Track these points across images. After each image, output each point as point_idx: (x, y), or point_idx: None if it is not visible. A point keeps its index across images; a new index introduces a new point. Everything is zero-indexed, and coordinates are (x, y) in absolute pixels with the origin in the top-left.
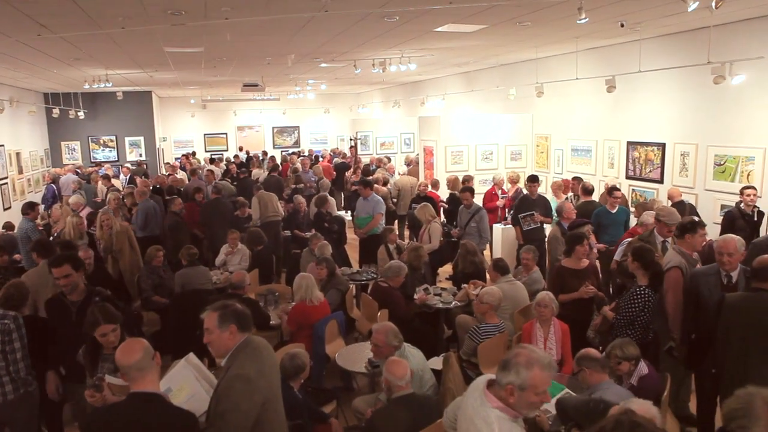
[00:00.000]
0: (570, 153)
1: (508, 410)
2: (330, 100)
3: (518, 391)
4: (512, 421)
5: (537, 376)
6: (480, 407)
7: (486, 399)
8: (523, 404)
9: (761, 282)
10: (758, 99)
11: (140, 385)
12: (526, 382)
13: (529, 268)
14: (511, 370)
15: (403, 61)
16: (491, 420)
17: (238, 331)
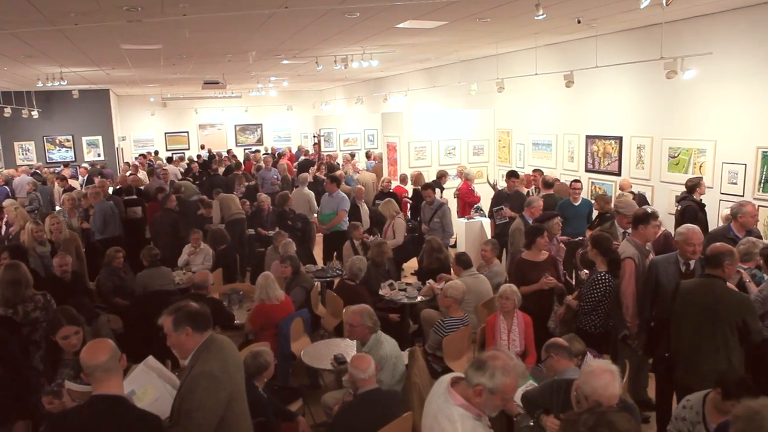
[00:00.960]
0: (531, 147)
1: (472, 409)
2: (293, 97)
3: (488, 393)
4: (475, 419)
5: (511, 384)
6: (444, 405)
7: (450, 397)
8: (489, 406)
9: (713, 269)
10: (708, 93)
11: (104, 387)
12: (499, 388)
13: (489, 261)
14: (486, 372)
15: (365, 57)
16: (455, 418)
17: (193, 332)
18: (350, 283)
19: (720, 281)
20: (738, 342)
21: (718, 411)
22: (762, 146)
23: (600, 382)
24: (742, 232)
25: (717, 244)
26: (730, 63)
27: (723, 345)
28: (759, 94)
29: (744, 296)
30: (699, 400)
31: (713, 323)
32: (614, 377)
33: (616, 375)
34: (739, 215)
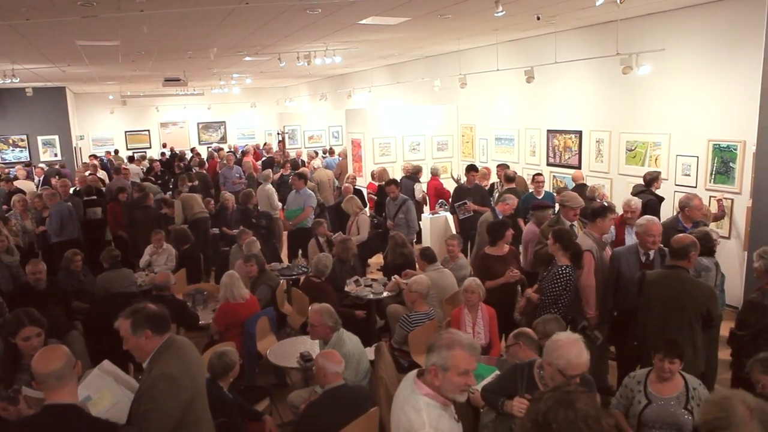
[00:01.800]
0: (494, 142)
1: (438, 397)
2: (256, 94)
3: (441, 371)
4: (441, 409)
5: (458, 356)
6: (410, 395)
7: (416, 387)
8: (449, 386)
9: (677, 260)
10: (662, 88)
11: (57, 396)
12: (448, 362)
13: (454, 255)
14: (434, 351)
15: (328, 53)
16: (420, 407)
17: (153, 334)
18: (316, 281)
19: (685, 272)
20: (700, 327)
21: (657, 378)
22: (713, 139)
23: (573, 352)
24: (689, 223)
25: (682, 236)
26: (682, 59)
27: (689, 332)
28: (709, 90)
29: (708, 286)
30: (644, 373)
31: (680, 312)
32: (583, 346)
33: (583, 343)
34: (687, 209)
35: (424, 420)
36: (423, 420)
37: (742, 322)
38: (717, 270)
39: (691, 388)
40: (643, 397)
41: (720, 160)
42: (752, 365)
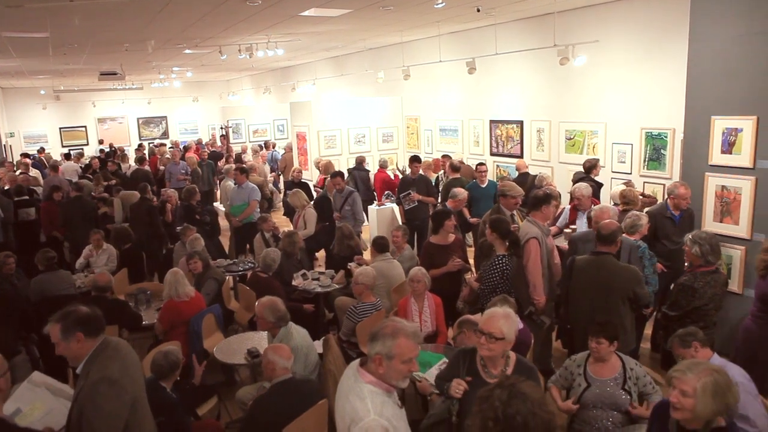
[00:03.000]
0: (438, 133)
1: (381, 384)
2: (198, 88)
3: (386, 360)
4: (385, 395)
5: (402, 344)
6: (354, 384)
7: (359, 376)
8: (393, 374)
9: (604, 245)
10: (597, 78)
11: None
12: (393, 351)
13: (400, 246)
14: (378, 340)
15: (270, 46)
16: (364, 395)
17: (85, 337)
18: (263, 276)
19: (611, 257)
20: (629, 309)
21: (594, 359)
22: (645, 127)
23: (489, 314)
24: (677, 211)
25: (608, 222)
26: (615, 50)
27: (616, 313)
28: (641, 80)
29: (634, 269)
30: (584, 356)
31: (607, 295)
32: (509, 318)
33: (511, 318)
34: (672, 195)
35: (369, 407)
36: (368, 407)
37: (673, 302)
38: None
39: (628, 368)
40: (582, 380)
41: (652, 147)
42: (672, 340)
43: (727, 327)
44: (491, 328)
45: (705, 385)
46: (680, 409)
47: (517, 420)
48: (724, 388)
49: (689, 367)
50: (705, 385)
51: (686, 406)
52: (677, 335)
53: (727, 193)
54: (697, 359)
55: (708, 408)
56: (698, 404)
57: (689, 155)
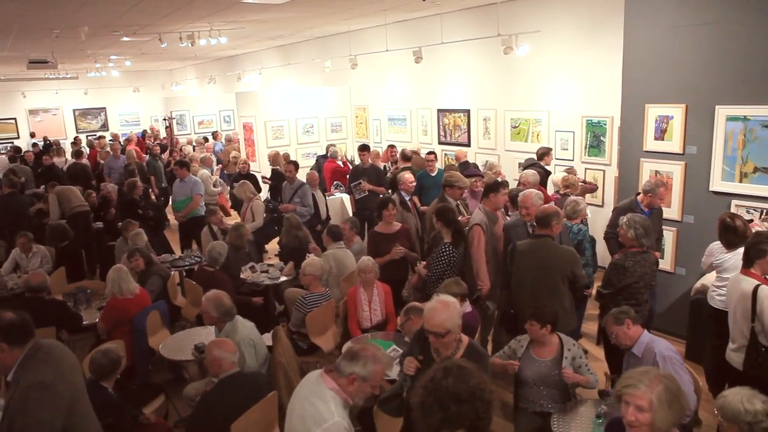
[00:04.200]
0: (387, 122)
1: (341, 393)
2: (139, 77)
3: (360, 381)
4: (344, 405)
5: (380, 371)
6: (316, 387)
7: (323, 380)
8: (359, 393)
9: (542, 229)
10: (540, 67)
11: None
12: (371, 375)
13: (349, 239)
14: (359, 361)
15: (213, 34)
16: (327, 398)
17: (10, 347)
18: (209, 270)
19: (549, 239)
20: (568, 289)
21: (538, 343)
22: (586, 115)
23: (429, 310)
24: (647, 208)
25: (546, 206)
26: (556, 40)
27: (557, 294)
28: (582, 69)
29: (571, 250)
30: (527, 338)
31: (547, 276)
32: (447, 310)
33: (451, 307)
34: (649, 194)
35: (332, 410)
36: (331, 410)
37: (606, 281)
38: (586, 235)
39: (565, 349)
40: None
41: (592, 134)
42: (607, 319)
43: (666, 304)
44: (434, 327)
45: (660, 395)
46: (638, 427)
47: (442, 384)
48: (676, 392)
49: (638, 378)
50: (660, 395)
51: (644, 421)
52: (611, 314)
53: (660, 178)
54: (644, 368)
55: (667, 420)
56: (657, 418)
57: (626, 142)
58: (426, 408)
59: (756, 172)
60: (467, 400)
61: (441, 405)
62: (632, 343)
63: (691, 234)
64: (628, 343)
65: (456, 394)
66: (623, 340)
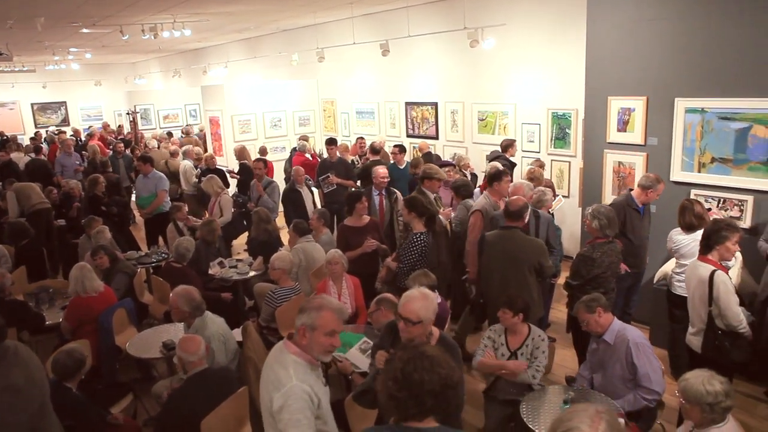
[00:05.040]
0: (355, 116)
1: (304, 355)
2: (101, 71)
3: (309, 331)
4: (308, 367)
5: (326, 317)
6: (279, 355)
7: (285, 347)
8: (315, 346)
9: (511, 220)
10: (505, 60)
11: None
12: (316, 322)
13: (318, 230)
14: (304, 312)
15: (176, 26)
16: (287, 364)
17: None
18: (177, 266)
19: (518, 231)
20: (536, 279)
21: (510, 332)
22: (551, 108)
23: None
24: (641, 204)
25: (516, 198)
26: (522, 34)
27: (525, 284)
28: (547, 62)
29: (539, 242)
30: (502, 327)
31: (516, 267)
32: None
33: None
34: (650, 190)
35: (291, 374)
36: (290, 374)
37: (575, 272)
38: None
39: (530, 338)
40: (505, 350)
41: (558, 127)
42: (578, 306)
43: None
44: (408, 313)
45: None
46: None
47: (414, 377)
48: (618, 427)
49: (579, 419)
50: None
51: None
52: (582, 302)
53: (623, 169)
54: (580, 406)
55: None
56: None
57: (590, 133)
58: (399, 402)
59: (713, 162)
60: (441, 392)
61: (417, 401)
62: (603, 330)
63: (654, 222)
64: (599, 330)
65: (431, 391)
66: (594, 327)
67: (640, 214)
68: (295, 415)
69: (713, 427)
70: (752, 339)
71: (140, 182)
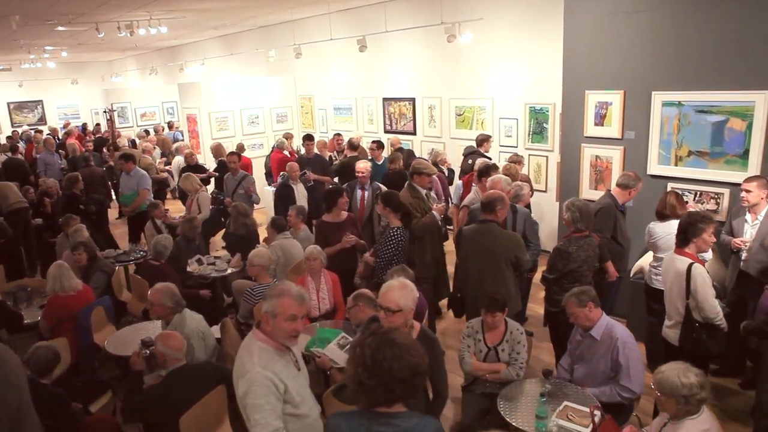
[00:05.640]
0: (333, 112)
1: (270, 341)
2: (77, 69)
3: (271, 318)
4: (276, 354)
5: (285, 303)
6: (247, 342)
7: (253, 335)
8: (278, 331)
9: (487, 214)
10: (483, 55)
11: None
12: (276, 309)
13: (296, 226)
14: (266, 301)
15: (152, 23)
16: (253, 350)
17: None
18: (155, 263)
19: (494, 224)
20: (512, 273)
21: (487, 327)
22: (529, 102)
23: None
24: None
25: (491, 192)
26: (499, 28)
27: (501, 278)
28: (524, 57)
29: (515, 235)
30: (478, 322)
31: (492, 260)
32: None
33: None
34: (632, 189)
35: (255, 361)
36: (253, 360)
37: (551, 266)
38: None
39: (508, 332)
40: (483, 346)
41: (535, 121)
42: (568, 299)
43: None
44: (387, 302)
45: None
46: None
47: (383, 365)
48: None
49: None
50: None
51: None
52: (573, 294)
53: (600, 162)
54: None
55: None
56: None
57: (567, 128)
58: (369, 389)
59: (690, 155)
60: (410, 380)
61: (387, 389)
62: (591, 324)
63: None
64: (588, 324)
65: (401, 379)
66: (583, 321)
67: (625, 215)
68: (257, 400)
69: (688, 419)
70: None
71: (123, 180)
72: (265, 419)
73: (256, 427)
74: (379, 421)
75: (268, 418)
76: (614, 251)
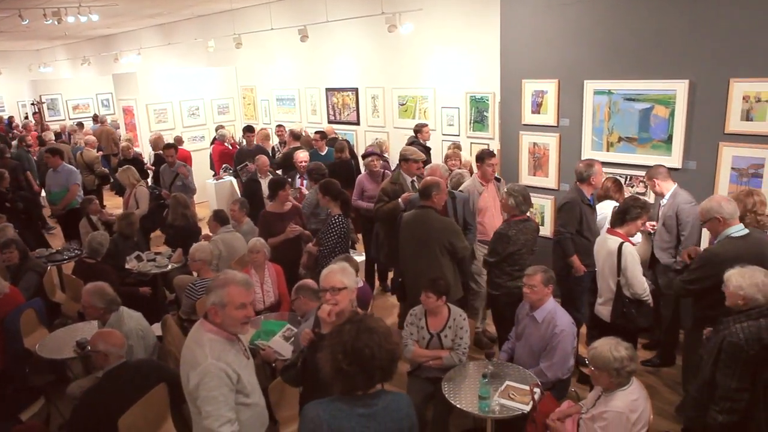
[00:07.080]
0: (276, 103)
1: (221, 332)
2: (1, 58)
3: (220, 309)
4: (227, 344)
5: (233, 291)
6: (196, 334)
7: (201, 327)
8: (229, 321)
9: (425, 200)
10: (423, 45)
11: None
12: (225, 299)
13: (239, 219)
14: (212, 293)
15: (82, 11)
16: (203, 342)
17: None
18: (90, 262)
19: (431, 210)
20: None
21: (431, 314)
22: (469, 91)
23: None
24: (590, 194)
25: (428, 178)
26: (439, 18)
27: (437, 264)
28: (464, 46)
29: (450, 221)
30: (421, 308)
31: (427, 246)
32: (342, 272)
33: (346, 272)
34: (591, 177)
35: (207, 353)
36: (205, 353)
37: (491, 250)
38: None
39: (451, 319)
40: (426, 333)
41: (476, 110)
42: (537, 272)
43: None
44: (331, 282)
45: None
46: None
47: (365, 352)
48: None
49: None
50: None
51: None
52: (544, 270)
53: (537, 149)
54: None
55: None
56: None
57: (506, 116)
58: (347, 374)
59: (620, 141)
60: (388, 366)
61: (367, 375)
62: (541, 304)
63: None
64: (537, 303)
65: (380, 366)
66: (536, 297)
67: (592, 207)
68: (211, 392)
69: (619, 390)
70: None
71: (50, 177)
72: (219, 410)
73: (208, 418)
74: (359, 404)
75: (221, 409)
76: (581, 246)
